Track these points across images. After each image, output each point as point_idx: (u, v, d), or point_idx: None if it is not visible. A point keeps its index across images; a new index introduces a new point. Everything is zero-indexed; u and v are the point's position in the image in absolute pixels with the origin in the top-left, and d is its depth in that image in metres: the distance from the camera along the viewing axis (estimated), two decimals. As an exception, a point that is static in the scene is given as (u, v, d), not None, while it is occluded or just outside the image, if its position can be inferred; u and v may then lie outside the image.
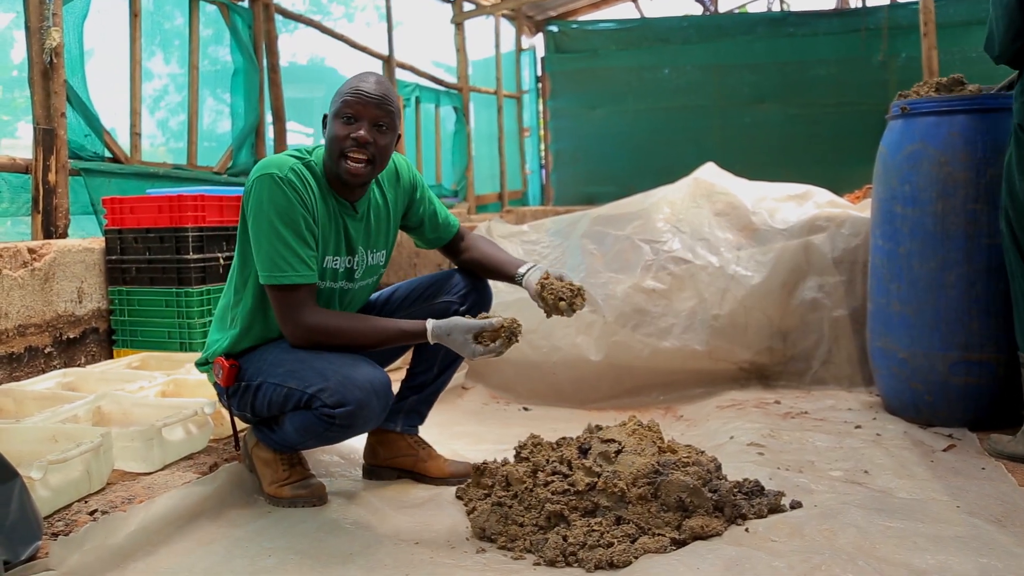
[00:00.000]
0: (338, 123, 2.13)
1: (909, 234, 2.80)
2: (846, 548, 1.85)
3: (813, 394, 3.30)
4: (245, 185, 2.18)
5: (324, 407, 2.04)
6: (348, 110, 2.12)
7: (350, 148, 2.11)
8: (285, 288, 2.08)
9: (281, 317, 2.12)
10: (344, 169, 2.12)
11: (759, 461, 2.47)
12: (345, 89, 2.15)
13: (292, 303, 2.10)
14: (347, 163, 2.11)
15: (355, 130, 2.11)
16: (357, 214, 2.25)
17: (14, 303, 3.02)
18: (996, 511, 2.05)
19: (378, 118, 2.13)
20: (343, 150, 2.11)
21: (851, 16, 9.64)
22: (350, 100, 2.12)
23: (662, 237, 3.69)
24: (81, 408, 2.47)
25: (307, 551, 1.98)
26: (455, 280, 2.47)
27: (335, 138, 2.12)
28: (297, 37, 7.09)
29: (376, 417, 2.11)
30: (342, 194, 2.22)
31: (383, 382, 2.10)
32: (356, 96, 2.12)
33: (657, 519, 1.95)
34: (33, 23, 3.53)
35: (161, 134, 5.98)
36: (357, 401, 2.03)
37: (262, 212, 2.08)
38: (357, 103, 2.11)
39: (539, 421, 3.26)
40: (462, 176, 8.82)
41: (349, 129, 2.11)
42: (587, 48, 10.24)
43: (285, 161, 2.13)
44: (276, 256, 2.07)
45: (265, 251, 2.09)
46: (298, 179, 2.11)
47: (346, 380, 2.04)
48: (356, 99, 2.11)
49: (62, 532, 1.87)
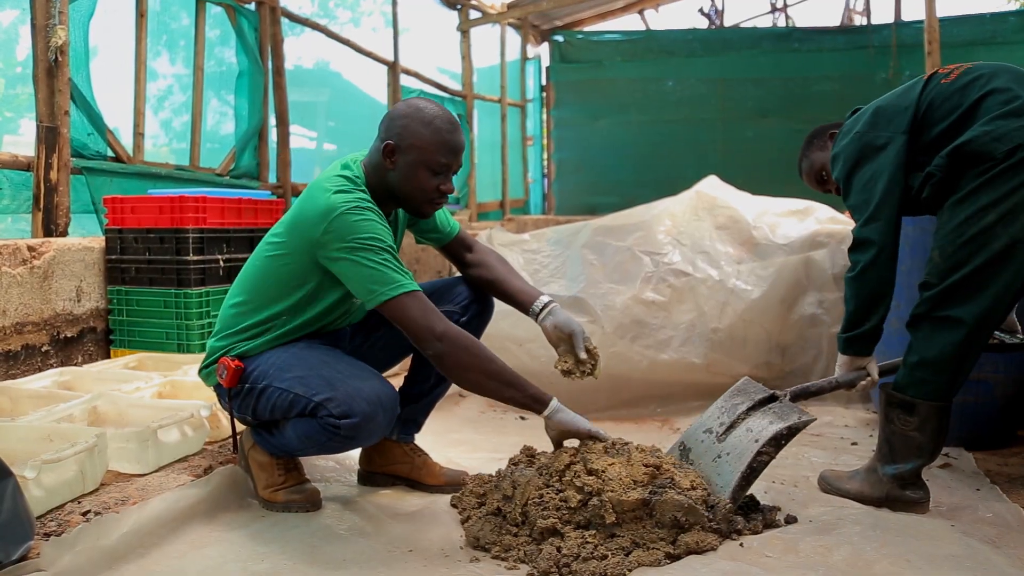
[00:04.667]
0: (426, 173, 2.14)
1: (910, 252, 2.80)
2: (840, 565, 1.84)
3: (810, 410, 3.28)
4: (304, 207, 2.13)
5: (330, 417, 2.04)
6: (442, 168, 2.15)
7: (436, 198, 2.19)
8: (412, 295, 2.02)
9: (419, 327, 2.02)
10: (427, 211, 2.22)
11: (755, 476, 2.46)
12: (438, 140, 2.12)
13: (425, 308, 2.03)
14: (431, 207, 2.21)
15: (444, 182, 2.17)
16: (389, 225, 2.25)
17: (12, 300, 3.02)
18: (991, 531, 2.05)
19: (459, 166, 2.21)
20: (429, 199, 2.18)
21: (856, 33, 9.67)
22: (446, 160, 2.14)
23: (663, 249, 3.69)
24: (77, 408, 2.46)
25: (301, 557, 1.97)
26: (459, 290, 2.46)
27: (423, 189, 2.15)
28: (303, 40, 7.09)
29: (381, 431, 2.11)
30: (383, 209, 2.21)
31: (391, 396, 2.09)
32: (452, 155, 2.14)
33: (652, 534, 1.95)
34: (39, 20, 3.54)
35: (164, 134, 5.99)
36: (363, 414, 2.02)
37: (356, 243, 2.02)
38: (451, 163, 2.16)
39: (535, 430, 3.23)
40: (464, 183, 8.83)
41: (438, 181, 2.16)
42: (592, 59, 10.26)
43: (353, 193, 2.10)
44: (386, 272, 2.02)
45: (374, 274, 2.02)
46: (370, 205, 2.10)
47: (354, 392, 2.03)
48: (452, 156, 2.15)
49: (55, 532, 1.87)
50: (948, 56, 6.54)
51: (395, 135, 2.14)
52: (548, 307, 2.30)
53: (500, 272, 2.45)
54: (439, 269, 6.04)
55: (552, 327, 2.26)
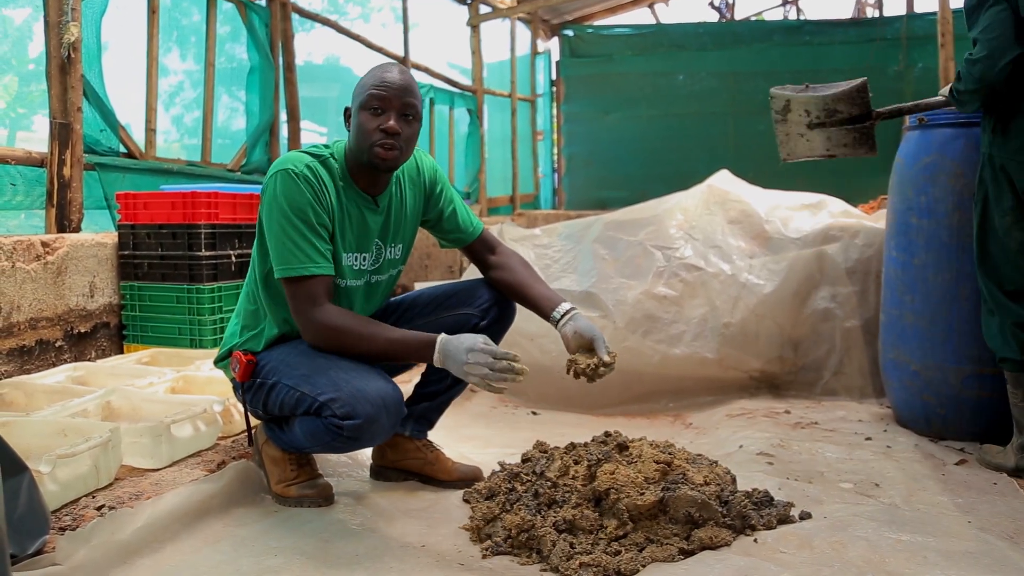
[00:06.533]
0: (365, 114, 2.12)
1: (924, 246, 2.78)
2: (855, 561, 1.83)
3: (823, 404, 3.28)
4: (263, 184, 2.18)
5: (333, 417, 2.04)
6: (376, 101, 2.11)
7: (380, 139, 2.11)
8: (300, 280, 2.07)
9: (295, 311, 2.11)
10: (374, 155, 2.12)
11: (768, 471, 2.45)
12: (370, 80, 2.14)
13: (307, 296, 2.08)
14: (377, 150, 2.12)
15: (384, 121, 2.10)
16: (378, 208, 2.25)
17: (26, 296, 3.03)
18: (1008, 527, 2.03)
19: (405, 108, 2.13)
20: (373, 141, 2.11)
21: (868, 26, 9.62)
22: (377, 92, 2.11)
23: (674, 244, 3.67)
24: (91, 403, 2.47)
25: (313, 552, 1.97)
26: (480, 292, 2.43)
27: (364, 130, 2.12)
28: (313, 36, 7.12)
29: (384, 432, 2.09)
30: (365, 188, 2.21)
31: (395, 398, 2.08)
32: (383, 87, 2.11)
33: (665, 529, 1.94)
34: (52, 17, 3.55)
35: (176, 130, 6.01)
36: (367, 415, 2.02)
37: (276, 207, 2.08)
38: (385, 94, 2.11)
39: (547, 426, 3.25)
40: (475, 178, 8.83)
41: (378, 120, 2.11)
42: (602, 53, 10.24)
43: (301, 158, 2.14)
44: (290, 249, 2.06)
45: (279, 245, 2.08)
46: (313, 175, 2.11)
47: (358, 393, 2.02)
48: (383, 90, 2.11)
49: (69, 527, 1.87)
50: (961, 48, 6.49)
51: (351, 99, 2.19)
52: (569, 313, 2.27)
53: (522, 276, 2.42)
54: (450, 264, 6.04)
55: (572, 333, 2.21)
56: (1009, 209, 2.40)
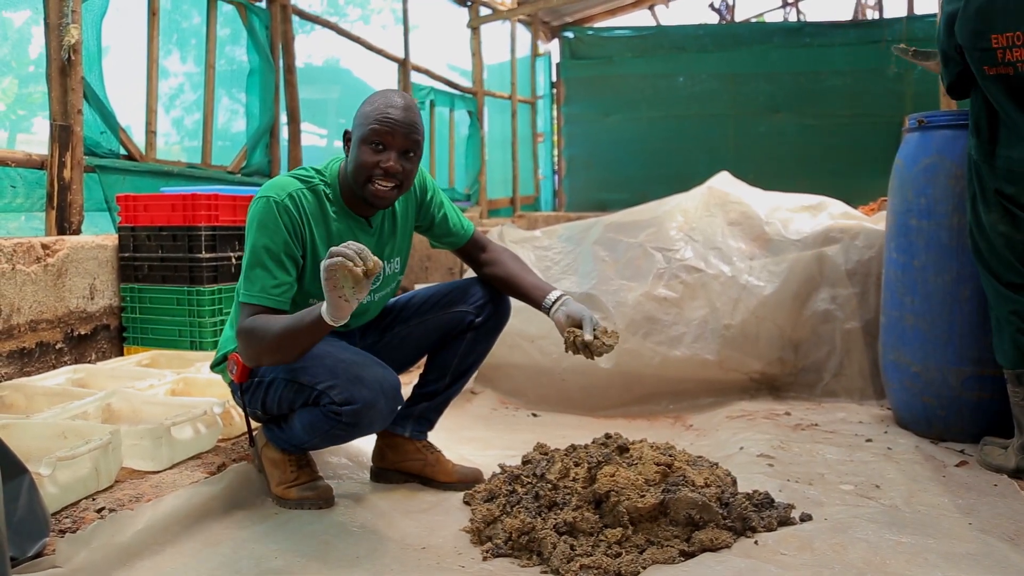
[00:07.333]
0: (366, 149, 2.08)
1: (924, 247, 2.78)
2: (856, 563, 1.83)
3: (824, 406, 3.28)
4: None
5: (332, 404, 2.04)
6: (377, 138, 2.07)
7: (379, 177, 2.08)
8: (249, 306, 2.05)
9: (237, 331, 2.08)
10: (370, 192, 2.10)
11: (769, 473, 2.45)
12: (373, 114, 2.09)
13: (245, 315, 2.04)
14: (373, 187, 2.09)
15: (384, 160, 2.07)
16: (371, 228, 2.25)
17: (26, 298, 3.03)
18: (1009, 529, 2.03)
19: (406, 147, 2.10)
20: (371, 177, 2.09)
21: (869, 27, 9.63)
22: (380, 129, 2.07)
23: (675, 245, 3.67)
24: (91, 405, 2.47)
25: (313, 554, 1.97)
26: (474, 290, 2.44)
27: (362, 165, 2.09)
28: (313, 38, 7.11)
29: (383, 418, 2.10)
30: (358, 211, 2.21)
31: (392, 384, 2.09)
32: (387, 124, 2.07)
33: (666, 531, 1.94)
34: (52, 20, 3.55)
35: (176, 132, 6.01)
36: (365, 400, 2.02)
37: (250, 232, 2.09)
38: (387, 132, 2.07)
39: (548, 427, 3.25)
40: (475, 180, 8.83)
41: (378, 158, 2.07)
42: (602, 55, 10.25)
43: (287, 185, 2.12)
44: (249, 276, 2.06)
45: (245, 268, 2.09)
46: (295, 206, 2.09)
47: (355, 378, 2.04)
48: (386, 128, 2.07)
49: (69, 529, 1.87)
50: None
51: (352, 122, 2.16)
52: (560, 299, 2.28)
53: (512, 268, 2.43)
54: (450, 267, 6.04)
55: (565, 317, 2.22)
56: (993, 205, 2.45)
